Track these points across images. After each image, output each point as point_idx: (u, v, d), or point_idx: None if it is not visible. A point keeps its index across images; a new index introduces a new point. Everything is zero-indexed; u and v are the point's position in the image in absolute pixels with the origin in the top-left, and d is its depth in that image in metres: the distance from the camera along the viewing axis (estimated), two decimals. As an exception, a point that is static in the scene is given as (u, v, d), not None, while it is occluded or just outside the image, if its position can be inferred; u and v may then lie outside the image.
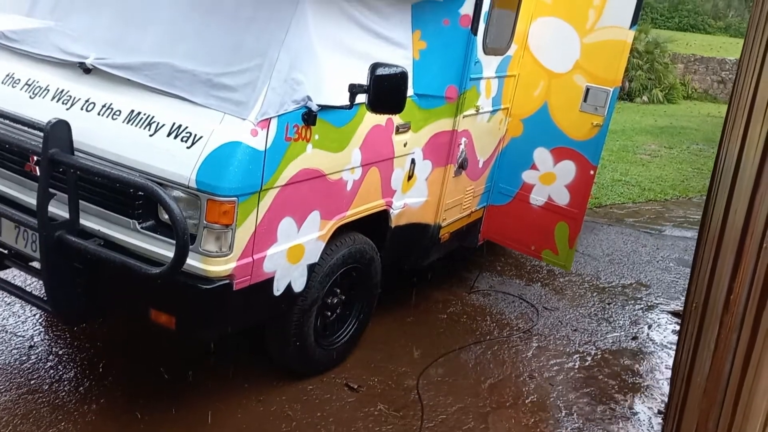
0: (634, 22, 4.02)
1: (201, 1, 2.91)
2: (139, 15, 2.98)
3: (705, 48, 21.06)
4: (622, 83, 4.26)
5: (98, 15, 3.04)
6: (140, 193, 2.62)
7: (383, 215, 3.66)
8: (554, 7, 4.28)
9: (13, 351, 3.45)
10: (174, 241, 2.44)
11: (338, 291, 3.52)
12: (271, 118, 2.68)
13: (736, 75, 9.01)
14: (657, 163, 10.13)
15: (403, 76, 2.89)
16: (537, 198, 4.51)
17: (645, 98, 17.21)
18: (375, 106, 2.89)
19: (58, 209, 2.74)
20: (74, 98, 2.83)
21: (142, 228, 2.68)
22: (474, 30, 3.78)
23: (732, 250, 2.15)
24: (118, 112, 2.74)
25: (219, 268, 2.63)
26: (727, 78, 18.43)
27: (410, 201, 3.84)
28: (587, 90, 4.18)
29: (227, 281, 2.67)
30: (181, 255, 2.44)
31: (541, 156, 4.44)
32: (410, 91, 3.53)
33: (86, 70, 2.86)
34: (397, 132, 3.53)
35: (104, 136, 2.71)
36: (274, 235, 2.84)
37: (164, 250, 2.62)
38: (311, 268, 3.16)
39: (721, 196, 3.77)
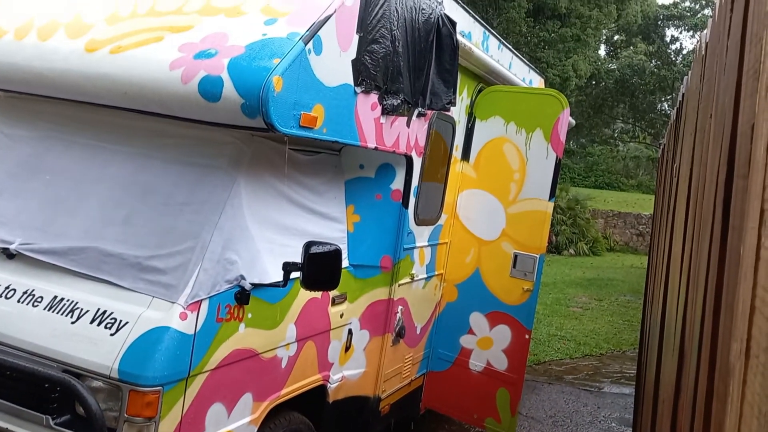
0: (552, 195, 4.32)
1: (133, 187, 2.95)
2: (68, 200, 2.98)
3: (621, 204, 22.68)
4: (549, 238, 4.48)
5: (27, 200, 3.02)
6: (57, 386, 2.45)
7: (320, 390, 3.53)
8: (479, 181, 4.57)
9: None
10: (90, 439, 2.25)
11: (272, 478, 3.26)
12: (201, 300, 2.63)
13: (651, 230, 9.67)
14: (589, 316, 10.39)
15: (336, 253, 2.93)
16: (476, 363, 4.48)
17: (572, 251, 18.08)
18: (309, 284, 2.90)
19: (-39, 406, 2.51)
20: (-7, 285, 2.71)
21: (56, 424, 2.47)
22: (405, 203, 3.95)
23: (668, 410, 2.15)
24: (39, 299, 2.64)
25: (139, 467, 2.41)
26: (644, 231, 19.71)
27: (348, 373, 3.74)
28: (515, 257, 4.36)
29: (148, 481, 2.44)
30: (97, 455, 2.24)
31: (477, 321, 4.49)
32: (345, 263, 3.58)
33: (9, 255, 2.78)
34: (333, 303, 3.52)
35: (23, 325, 2.58)
36: (202, 423, 2.67)
37: (79, 448, 2.41)
38: (242, 456, 2.94)
39: (651, 354, 3.85)
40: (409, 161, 3.92)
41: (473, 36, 4.60)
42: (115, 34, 2.93)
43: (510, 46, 5.50)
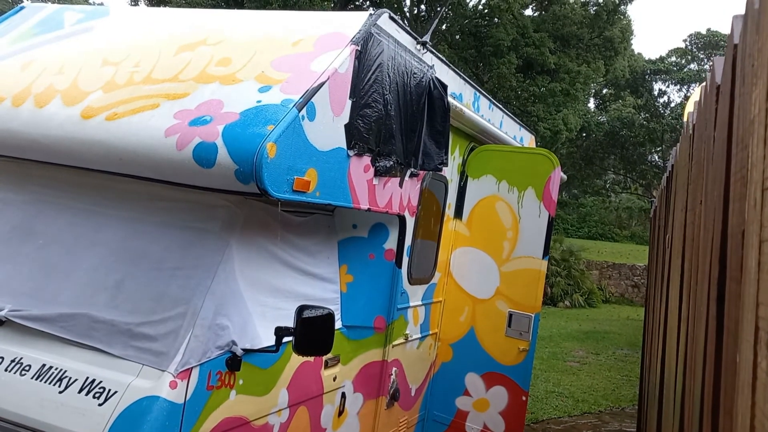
0: (545, 254, 4.33)
1: (125, 252, 2.94)
2: (59, 265, 2.96)
3: (615, 255, 22.70)
4: (543, 290, 4.47)
5: (18, 264, 3.00)
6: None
7: (313, 458, 3.44)
8: (472, 238, 4.58)
9: None
10: None
11: None
12: (192, 368, 2.59)
13: (647, 283, 9.65)
14: (587, 371, 10.25)
15: (329, 317, 2.91)
16: (473, 426, 4.39)
17: (567, 303, 17.98)
18: (302, 348, 2.86)
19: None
20: (-20, 353, 2.67)
21: (38, 500, 2.39)
22: (398, 263, 3.94)
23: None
24: (27, 367, 2.59)
25: None
26: (639, 282, 19.67)
27: (341, 439, 3.65)
28: (510, 316, 4.34)
29: None
30: None
31: (473, 381, 4.43)
32: (338, 324, 3.55)
33: (-1, 322, 2.75)
34: (326, 366, 3.47)
35: (9, 395, 2.53)
36: (191, 497, 2.58)
37: None
38: None
39: (651, 410, 3.79)
40: (402, 221, 3.94)
41: (464, 97, 4.70)
42: (112, 101, 2.98)
43: (500, 106, 5.62)
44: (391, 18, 3.51)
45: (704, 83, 1.64)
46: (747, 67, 0.75)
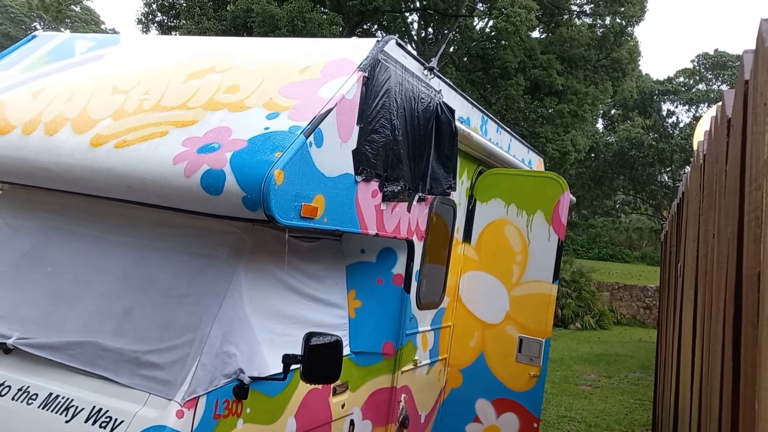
0: (555, 278, 4.29)
1: (133, 279, 2.93)
2: (68, 292, 2.96)
3: (626, 276, 22.49)
4: (554, 312, 4.42)
5: (27, 292, 3.00)
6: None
7: (321, 488, 3.38)
8: (481, 263, 4.55)
9: None
10: None
11: None
12: (199, 396, 2.56)
13: (659, 305, 9.54)
14: (599, 395, 10.10)
15: (337, 344, 2.88)
16: (483, 454, 4.33)
17: (578, 325, 17.80)
18: (309, 377, 2.83)
19: None
20: (-13, 381, 2.66)
21: None
22: (407, 288, 3.92)
23: None
24: (34, 396, 2.58)
25: None
26: (651, 304, 19.45)
27: (350, 468, 3.60)
28: (520, 341, 4.29)
29: None
30: None
31: (483, 408, 4.37)
32: (347, 350, 3.52)
33: (6, 350, 2.74)
34: (335, 393, 3.43)
35: (16, 425, 2.52)
36: None
37: None
38: None
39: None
40: (411, 245, 3.92)
41: (472, 121, 4.70)
42: (121, 129, 3.00)
43: (508, 129, 5.61)
44: (398, 44, 3.52)
45: (714, 113, 1.62)
46: (759, 106, 0.74)
